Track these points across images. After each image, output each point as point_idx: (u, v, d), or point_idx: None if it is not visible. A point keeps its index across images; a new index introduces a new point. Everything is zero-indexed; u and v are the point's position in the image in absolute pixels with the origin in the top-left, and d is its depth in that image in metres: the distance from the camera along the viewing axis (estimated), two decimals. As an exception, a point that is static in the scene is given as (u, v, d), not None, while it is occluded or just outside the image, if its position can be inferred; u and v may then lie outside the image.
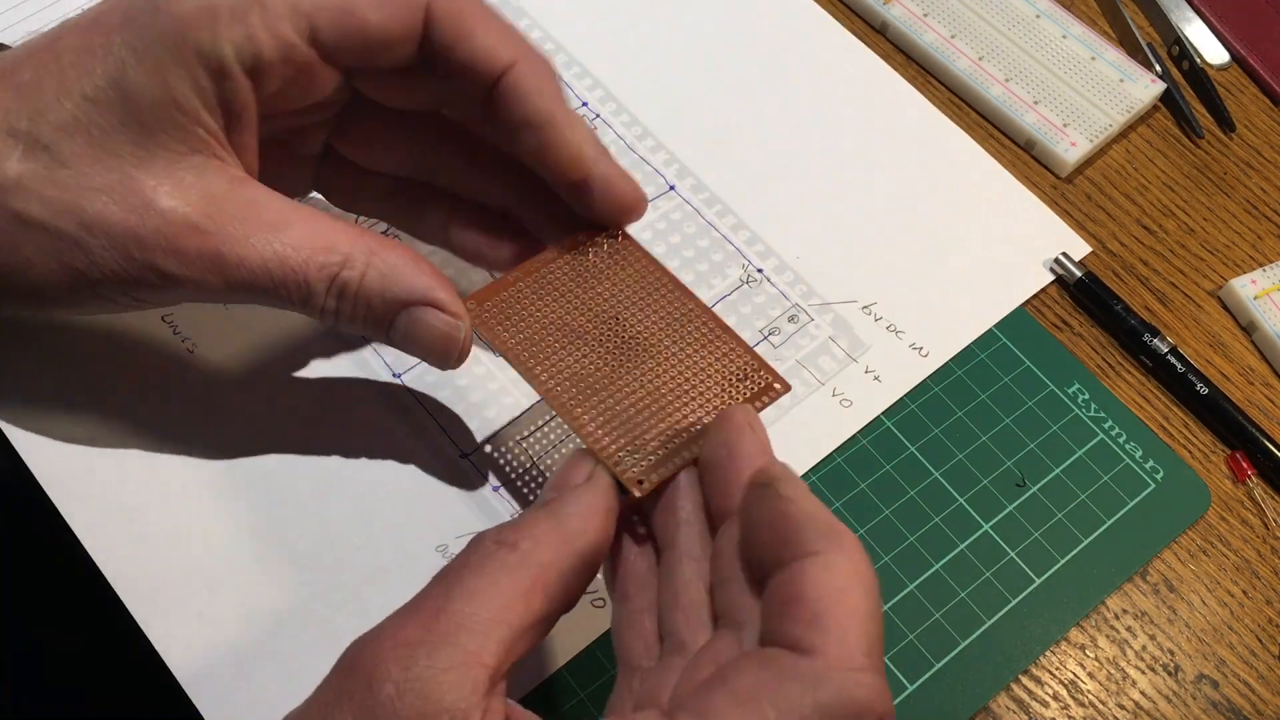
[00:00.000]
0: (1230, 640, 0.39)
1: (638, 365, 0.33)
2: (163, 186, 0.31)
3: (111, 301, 0.33)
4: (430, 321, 0.33)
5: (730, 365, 0.34)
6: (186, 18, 0.31)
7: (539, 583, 0.28)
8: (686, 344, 0.34)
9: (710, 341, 0.34)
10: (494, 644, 0.26)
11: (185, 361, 0.40)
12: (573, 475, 0.31)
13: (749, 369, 0.34)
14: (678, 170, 0.46)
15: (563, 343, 0.34)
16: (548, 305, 0.34)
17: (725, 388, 0.33)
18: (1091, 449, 0.41)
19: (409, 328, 0.34)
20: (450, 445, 0.39)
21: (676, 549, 0.30)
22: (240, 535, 0.37)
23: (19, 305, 0.34)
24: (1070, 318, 0.45)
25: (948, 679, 0.37)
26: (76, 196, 0.31)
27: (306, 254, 0.32)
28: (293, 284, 0.32)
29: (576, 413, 0.32)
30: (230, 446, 0.38)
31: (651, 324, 0.34)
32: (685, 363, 0.34)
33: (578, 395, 0.33)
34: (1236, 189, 0.48)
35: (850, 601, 0.26)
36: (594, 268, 0.35)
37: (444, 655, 0.26)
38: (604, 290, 0.35)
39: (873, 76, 0.49)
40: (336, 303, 0.33)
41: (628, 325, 0.34)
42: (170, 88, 0.31)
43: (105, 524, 0.37)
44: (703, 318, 0.35)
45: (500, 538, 0.28)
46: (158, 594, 0.36)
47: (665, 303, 0.35)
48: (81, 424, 0.38)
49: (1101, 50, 0.50)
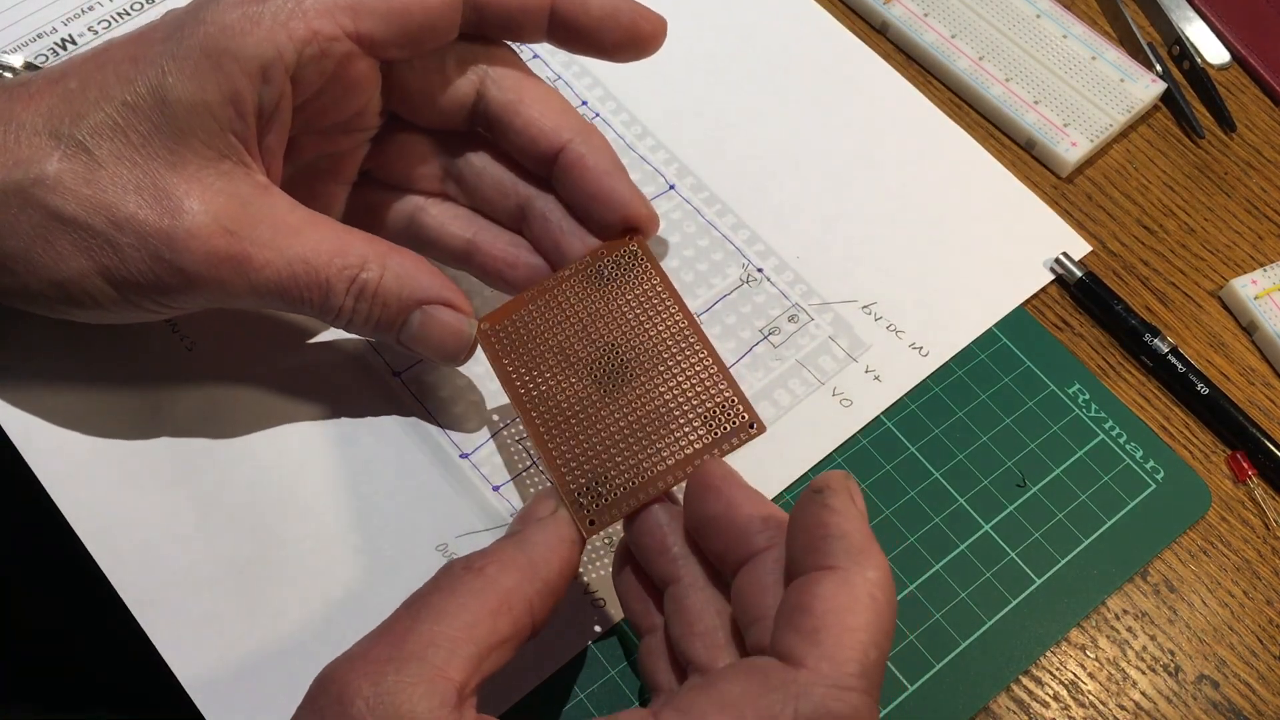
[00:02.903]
0: (1231, 641, 0.39)
1: (620, 394, 0.34)
2: (193, 190, 0.32)
3: (136, 306, 0.34)
4: (444, 319, 0.35)
5: (710, 401, 0.34)
6: (229, 26, 0.32)
7: (504, 605, 0.29)
8: (674, 373, 0.34)
9: (698, 371, 0.34)
10: (460, 660, 0.27)
11: (185, 361, 0.40)
12: (538, 509, 0.32)
13: (727, 406, 0.34)
14: (677, 169, 0.46)
15: (555, 371, 0.34)
16: (551, 329, 0.35)
17: (703, 423, 0.34)
18: (1092, 449, 0.41)
19: (422, 326, 0.35)
20: (450, 445, 0.39)
21: (681, 582, 0.31)
22: (240, 535, 0.37)
23: (47, 306, 0.34)
24: (1070, 318, 0.44)
25: (948, 679, 0.37)
26: (110, 196, 0.32)
27: (327, 257, 0.33)
28: (314, 285, 0.33)
29: (549, 449, 0.33)
30: (229, 446, 0.38)
31: (645, 349, 0.35)
32: (670, 394, 0.34)
33: (554, 430, 0.34)
34: (1237, 189, 0.48)
35: (855, 620, 0.26)
36: (604, 284, 0.36)
37: (412, 670, 0.26)
38: (605, 312, 0.35)
39: (873, 76, 0.49)
40: (354, 303, 0.34)
41: (622, 350, 0.35)
42: (205, 93, 0.32)
43: (106, 524, 0.37)
44: (696, 346, 0.35)
45: (468, 563, 0.30)
46: (159, 594, 0.36)
47: (663, 326, 0.35)
48: (82, 423, 0.38)
49: (1102, 50, 0.49)
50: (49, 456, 0.38)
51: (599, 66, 0.48)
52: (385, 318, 0.35)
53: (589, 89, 0.47)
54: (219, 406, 0.39)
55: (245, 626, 0.36)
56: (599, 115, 0.47)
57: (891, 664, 0.37)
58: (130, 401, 0.39)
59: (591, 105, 0.47)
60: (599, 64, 0.48)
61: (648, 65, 0.36)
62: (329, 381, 0.40)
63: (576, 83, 0.47)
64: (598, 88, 0.47)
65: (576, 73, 0.48)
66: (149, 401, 0.39)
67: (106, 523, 0.37)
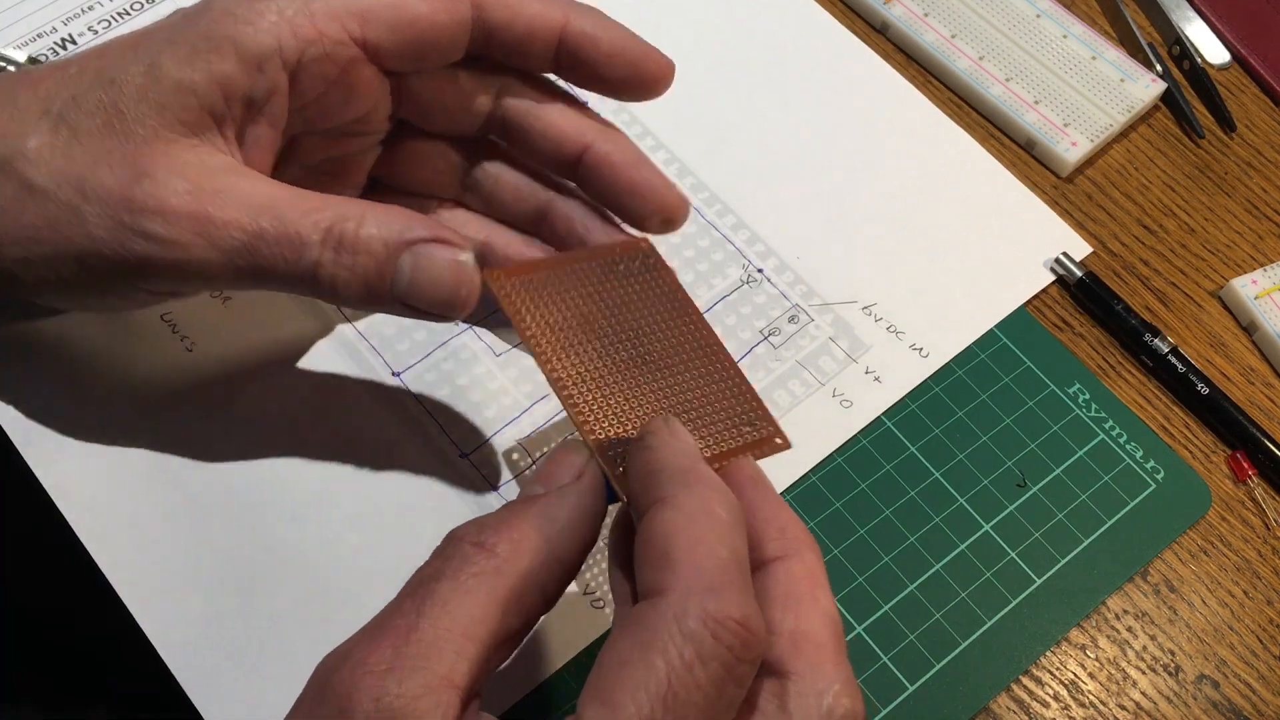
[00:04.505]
0: (1231, 641, 0.39)
1: (651, 379, 0.32)
2: (160, 161, 0.32)
3: (106, 287, 0.33)
4: (438, 255, 0.32)
5: (737, 408, 0.33)
6: (234, 14, 0.32)
7: (516, 594, 0.27)
8: (700, 375, 0.33)
9: (724, 379, 0.34)
10: (466, 664, 0.26)
11: (184, 361, 0.40)
12: (561, 470, 0.30)
13: (754, 417, 0.33)
14: (678, 170, 0.46)
15: (581, 335, 0.32)
16: (574, 297, 0.33)
17: (728, 428, 0.32)
18: (1092, 449, 0.41)
19: (415, 270, 0.31)
20: (450, 445, 0.39)
21: None
22: (240, 535, 0.37)
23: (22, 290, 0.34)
24: (1071, 318, 0.44)
25: (948, 679, 0.37)
26: (81, 168, 0.32)
27: (299, 212, 0.31)
28: (285, 240, 0.31)
29: (579, 403, 0.31)
30: (229, 446, 0.38)
31: (670, 347, 0.34)
32: (696, 392, 0.33)
33: (584, 386, 0.31)
34: (1237, 189, 0.48)
35: (696, 534, 0.26)
36: (622, 277, 0.35)
37: (415, 682, 0.25)
38: (628, 301, 0.34)
39: (873, 76, 0.49)
40: (334, 255, 0.31)
41: (646, 340, 0.33)
42: (193, 72, 0.32)
43: (106, 524, 0.37)
44: (720, 356, 0.34)
45: (479, 539, 0.28)
46: (158, 594, 0.36)
47: (687, 331, 0.34)
48: (81, 423, 0.38)
49: (1102, 50, 0.49)
50: (49, 457, 0.38)
51: (599, 66, 0.48)
52: (373, 270, 0.31)
53: (589, 89, 0.47)
54: (218, 407, 0.39)
55: (243, 626, 0.36)
56: (599, 115, 0.47)
57: (891, 664, 0.37)
58: (130, 402, 0.39)
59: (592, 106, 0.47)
60: (599, 64, 0.48)
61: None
62: (328, 382, 0.40)
63: (576, 83, 0.47)
64: (598, 88, 0.47)
65: (576, 73, 0.48)
66: (149, 402, 0.39)
67: (105, 522, 0.37)
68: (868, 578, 0.39)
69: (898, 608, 0.38)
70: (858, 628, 0.38)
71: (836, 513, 0.39)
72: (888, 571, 0.39)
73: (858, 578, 0.39)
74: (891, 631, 0.38)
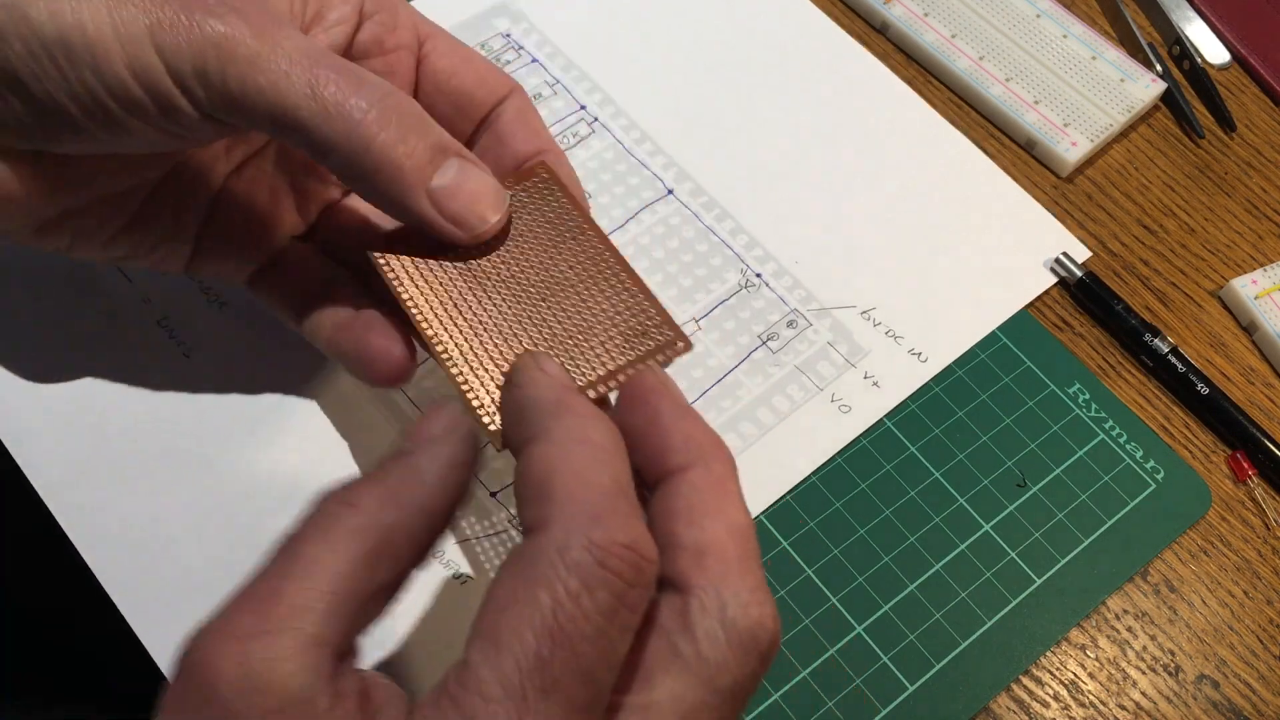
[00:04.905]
0: (1231, 641, 0.39)
1: (535, 313, 0.32)
2: None
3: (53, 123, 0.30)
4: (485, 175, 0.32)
5: (635, 320, 0.32)
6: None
7: (383, 546, 0.26)
8: (595, 295, 0.32)
9: (620, 294, 0.32)
10: (335, 620, 0.25)
11: (181, 366, 0.40)
12: (431, 425, 0.28)
13: (653, 326, 0.32)
14: (676, 174, 0.46)
15: (464, 290, 0.32)
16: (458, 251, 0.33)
17: (625, 341, 0.31)
18: (1092, 449, 0.41)
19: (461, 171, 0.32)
20: (451, 448, 0.39)
21: None
22: (237, 539, 0.37)
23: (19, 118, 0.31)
24: (1071, 318, 0.45)
25: (948, 679, 0.37)
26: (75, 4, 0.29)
27: None
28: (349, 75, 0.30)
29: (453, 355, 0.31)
30: (226, 451, 0.39)
31: (562, 272, 0.33)
32: (588, 314, 0.32)
33: (459, 342, 0.31)
34: (1237, 189, 0.48)
35: (573, 465, 0.26)
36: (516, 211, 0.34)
37: (281, 644, 0.24)
38: (519, 234, 0.33)
39: (872, 80, 0.49)
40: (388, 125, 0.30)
41: (536, 271, 0.33)
42: None
43: (101, 529, 0.37)
44: (618, 270, 0.33)
45: (344, 496, 0.27)
46: (153, 599, 0.36)
47: (583, 251, 0.33)
48: (77, 428, 0.38)
49: (1102, 50, 0.50)
50: (43, 461, 0.38)
51: (598, 70, 0.48)
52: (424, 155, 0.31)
53: (588, 93, 0.48)
54: (215, 412, 0.39)
55: (247, 629, 0.36)
56: (597, 119, 0.47)
57: (891, 664, 0.37)
58: (126, 407, 0.39)
59: (590, 109, 0.47)
60: (598, 68, 0.48)
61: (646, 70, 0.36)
62: (326, 386, 0.40)
63: (576, 87, 0.48)
64: (596, 92, 0.48)
65: (576, 77, 0.48)
66: (145, 407, 0.39)
67: (100, 527, 0.37)
68: (868, 578, 0.39)
69: (898, 608, 0.38)
70: (858, 628, 0.38)
71: (836, 513, 0.40)
72: (888, 571, 0.39)
73: (858, 578, 0.39)
74: (891, 631, 0.38)
